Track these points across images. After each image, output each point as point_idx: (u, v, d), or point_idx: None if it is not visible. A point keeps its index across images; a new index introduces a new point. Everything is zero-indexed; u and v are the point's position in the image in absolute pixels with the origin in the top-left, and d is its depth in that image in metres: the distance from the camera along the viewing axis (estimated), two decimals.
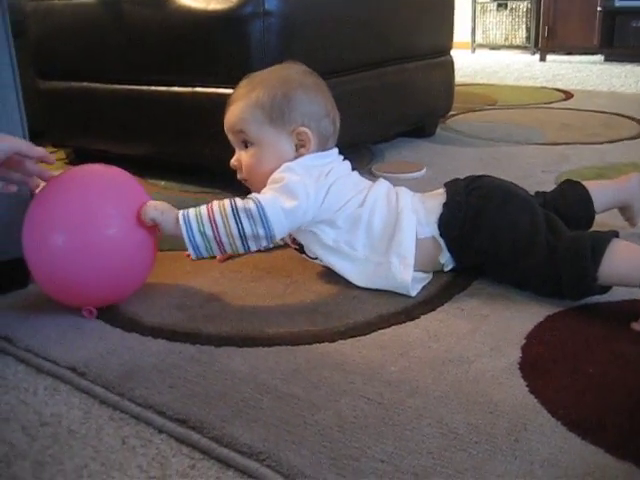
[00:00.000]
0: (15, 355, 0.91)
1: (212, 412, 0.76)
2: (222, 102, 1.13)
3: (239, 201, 0.99)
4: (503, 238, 1.02)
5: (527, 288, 1.03)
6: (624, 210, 1.25)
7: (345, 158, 1.14)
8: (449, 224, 1.05)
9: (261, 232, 0.98)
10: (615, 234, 0.98)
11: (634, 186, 1.23)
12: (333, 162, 1.10)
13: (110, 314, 1.01)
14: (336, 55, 1.64)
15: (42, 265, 0.96)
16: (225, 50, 1.47)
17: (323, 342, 0.91)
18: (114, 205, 0.98)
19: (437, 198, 1.09)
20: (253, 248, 1.02)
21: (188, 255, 1.21)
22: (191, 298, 1.06)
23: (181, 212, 0.99)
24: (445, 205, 1.07)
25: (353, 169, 1.14)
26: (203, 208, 0.99)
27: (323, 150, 1.09)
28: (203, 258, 1.03)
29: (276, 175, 1.04)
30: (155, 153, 1.77)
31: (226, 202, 0.99)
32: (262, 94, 1.07)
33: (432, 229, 1.06)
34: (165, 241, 1.06)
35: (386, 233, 1.05)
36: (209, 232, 0.98)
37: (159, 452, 0.71)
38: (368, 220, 1.05)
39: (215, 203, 1.00)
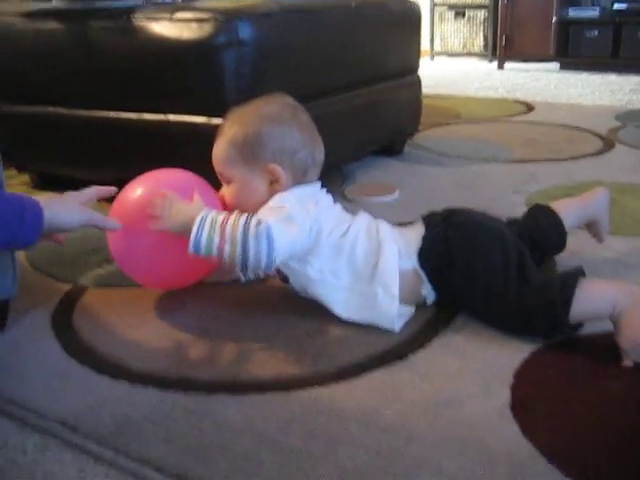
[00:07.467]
0: None
1: (211, 466, 0.75)
2: (195, 131, 1.11)
3: (253, 219, 0.99)
4: (476, 278, 1.04)
5: (501, 327, 1.04)
6: (591, 226, 1.28)
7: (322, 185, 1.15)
8: (428, 256, 1.07)
9: (264, 255, 0.97)
10: (581, 272, 1.01)
11: (600, 202, 1.26)
12: (316, 194, 1.12)
13: (95, 360, 0.99)
14: (308, 81, 1.64)
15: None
16: (199, 79, 1.46)
17: (314, 386, 0.91)
18: None
19: (416, 230, 1.11)
20: (250, 268, 1.00)
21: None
22: (177, 340, 1.05)
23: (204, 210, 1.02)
24: (424, 238, 1.09)
25: (326, 192, 1.15)
26: (222, 214, 1.01)
27: (302, 182, 1.10)
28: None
29: (272, 204, 1.05)
30: (123, 180, 1.73)
31: (242, 218, 0.99)
32: (236, 132, 1.09)
33: (412, 261, 1.07)
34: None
35: (369, 262, 1.05)
36: (216, 238, 0.98)
37: None
38: (350, 250, 1.06)
39: (232, 215, 1.01)
